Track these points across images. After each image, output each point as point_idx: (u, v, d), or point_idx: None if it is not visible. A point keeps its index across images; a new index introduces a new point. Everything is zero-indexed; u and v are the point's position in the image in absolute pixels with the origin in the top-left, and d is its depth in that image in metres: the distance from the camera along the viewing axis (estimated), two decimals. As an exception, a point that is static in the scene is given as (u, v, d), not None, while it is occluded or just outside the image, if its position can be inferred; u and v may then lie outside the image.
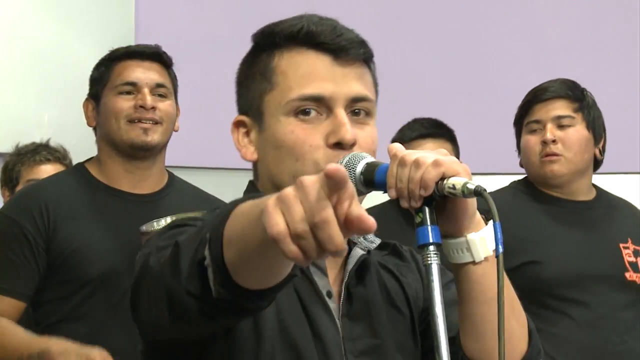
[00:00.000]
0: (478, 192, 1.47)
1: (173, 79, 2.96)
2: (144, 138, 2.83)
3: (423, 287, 1.73)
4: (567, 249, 2.97)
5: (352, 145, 1.59)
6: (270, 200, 1.18)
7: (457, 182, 1.49)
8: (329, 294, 1.63)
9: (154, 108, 2.84)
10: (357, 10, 4.88)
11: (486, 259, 1.57)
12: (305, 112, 1.60)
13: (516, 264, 2.91)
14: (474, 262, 1.56)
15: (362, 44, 1.64)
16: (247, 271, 1.31)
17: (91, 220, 2.80)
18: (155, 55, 2.93)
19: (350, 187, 1.17)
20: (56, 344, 2.60)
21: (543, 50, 5.00)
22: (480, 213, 1.58)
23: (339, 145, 1.59)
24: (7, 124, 4.41)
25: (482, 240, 1.56)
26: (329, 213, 1.14)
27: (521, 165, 3.17)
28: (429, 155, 1.51)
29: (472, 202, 1.55)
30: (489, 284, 1.57)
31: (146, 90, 2.85)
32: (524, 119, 3.12)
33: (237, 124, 1.66)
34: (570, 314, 2.92)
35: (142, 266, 1.47)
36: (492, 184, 3.13)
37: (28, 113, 4.50)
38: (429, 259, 1.50)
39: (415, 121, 3.75)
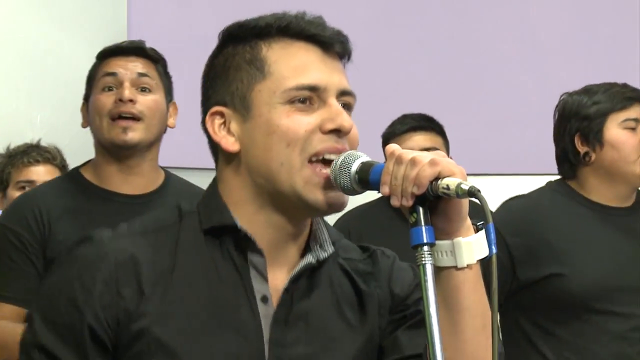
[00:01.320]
0: (472, 193, 1.48)
1: (162, 74, 2.92)
2: (123, 137, 2.79)
3: (393, 298, 1.71)
4: (600, 259, 2.94)
5: (347, 133, 1.61)
6: None
7: (451, 182, 1.49)
8: (265, 299, 1.61)
9: (132, 101, 2.80)
10: (350, 9, 4.88)
11: (469, 267, 1.56)
12: (302, 101, 1.61)
13: (545, 274, 2.90)
14: (456, 268, 1.55)
15: (347, 39, 1.68)
16: None
17: (84, 223, 2.79)
18: (139, 50, 2.89)
19: None
20: None
21: (536, 51, 5.01)
22: (481, 219, 1.58)
23: (336, 132, 1.60)
24: (-1, 124, 4.41)
25: (467, 245, 1.55)
26: None
27: (585, 159, 3.06)
28: (426, 154, 1.53)
29: (465, 205, 1.55)
30: (466, 293, 1.56)
31: (127, 84, 2.81)
32: (613, 113, 3.06)
33: (214, 115, 1.66)
34: (601, 325, 2.90)
35: None
36: (485, 184, 3.12)
37: (20, 113, 4.49)
38: (422, 259, 1.50)
39: (406, 116, 3.77)
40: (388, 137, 3.72)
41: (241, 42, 1.66)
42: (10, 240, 2.78)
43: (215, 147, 1.69)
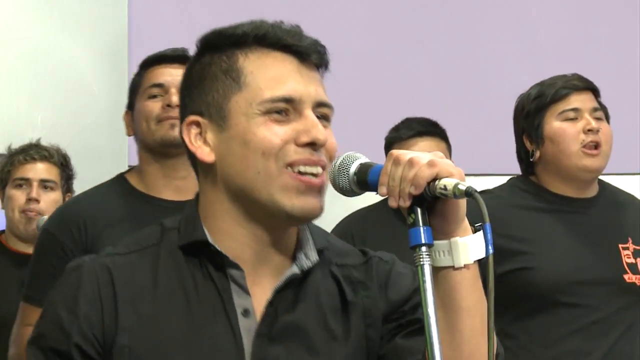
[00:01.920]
0: (469, 193, 1.48)
1: None
2: (171, 133, 2.79)
3: (389, 305, 1.68)
4: (564, 253, 2.92)
5: (322, 146, 1.61)
6: None
7: (448, 182, 1.50)
8: (246, 312, 1.61)
9: (179, 106, 2.83)
10: (350, 10, 4.88)
11: (466, 267, 1.56)
12: (278, 112, 1.61)
13: (510, 269, 2.89)
14: (453, 268, 1.55)
15: (324, 49, 1.67)
16: None
17: (129, 231, 2.80)
18: (183, 58, 2.91)
19: None
20: None
21: (536, 52, 5.01)
22: (473, 218, 1.58)
23: (311, 145, 1.60)
24: (0, 125, 4.42)
25: (464, 245, 1.55)
26: None
27: (530, 156, 3.04)
28: (424, 155, 1.53)
29: (462, 205, 1.55)
30: (464, 293, 1.56)
31: (173, 90, 2.83)
32: (551, 106, 3.03)
33: (190, 124, 1.66)
34: (565, 318, 2.89)
35: None
36: (485, 185, 3.12)
37: (21, 114, 4.50)
38: (421, 259, 1.51)
39: (411, 120, 3.77)
40: (392, 141, 3.71)
41: (218, 51, 1.65)
42: (53, 247, 2.81)
43: (193, 158, 1.67)
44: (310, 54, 1.64)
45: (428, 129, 3.71)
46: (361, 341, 1.66)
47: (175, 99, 2.79)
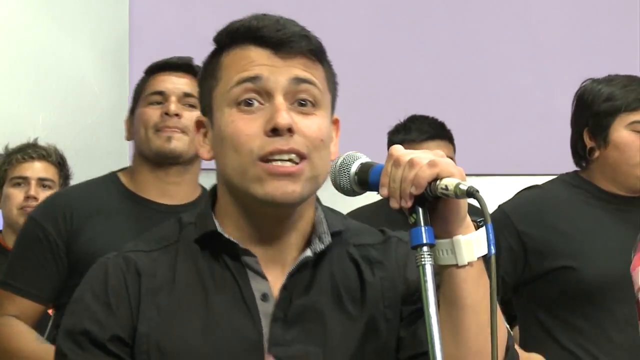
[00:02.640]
0: (470, 193, 1.48)
1: None
2: (167, 145, 2.82)
3: (408, 286, 1.68)
4: (612, 249, 2.91)
5: (289, 131, 1.58)
6: None
7: (449, 182, 1.49)
8: (265, 297, 1.63)
9: (178, 115, 2.82)
10: (353, 10, 4.88)
11: (470, 264, 1.55)
12: (247, 103, 1.61)
13: (558, 265, 2.90)
14: (457, 266, 1.55)
15: (307, 37, 1.64)
16: None
17: (113, 227, 2.82)
18: (186, 67, 2.93)
19: None
20: None
21: (536, 53, 5.01)
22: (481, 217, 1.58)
23: (275, 132, 1.58)
24: (1, 124, 4.42)
25: (467, 243, 1.54)
26: None
27: (590, 155, 3.03)
28: (425, 155, 1.52)
29: (464, 204, 1.55)
30: (469, 290, 1.56)
31: (173, 99, 2.85)
32: (622, 114, 3.03)
33: (198, 125, 1.70)
34: (617, 312, 2.90)
35: None
36: (485, 185, 3.12)
37: (22, 114, 4.51)
38: (422, 259, 1.50)
39: (420, 121, 3.76)
40: (401, 143, 3.70)
41: (213, 52, 1.70)
42: (36, 234, 2.83)
43: None
44: (288, 44, 1.62)
45: (438, 132, 3.73)
46: (378, 322, 1.66)
47: (173, 107, 2.82)
